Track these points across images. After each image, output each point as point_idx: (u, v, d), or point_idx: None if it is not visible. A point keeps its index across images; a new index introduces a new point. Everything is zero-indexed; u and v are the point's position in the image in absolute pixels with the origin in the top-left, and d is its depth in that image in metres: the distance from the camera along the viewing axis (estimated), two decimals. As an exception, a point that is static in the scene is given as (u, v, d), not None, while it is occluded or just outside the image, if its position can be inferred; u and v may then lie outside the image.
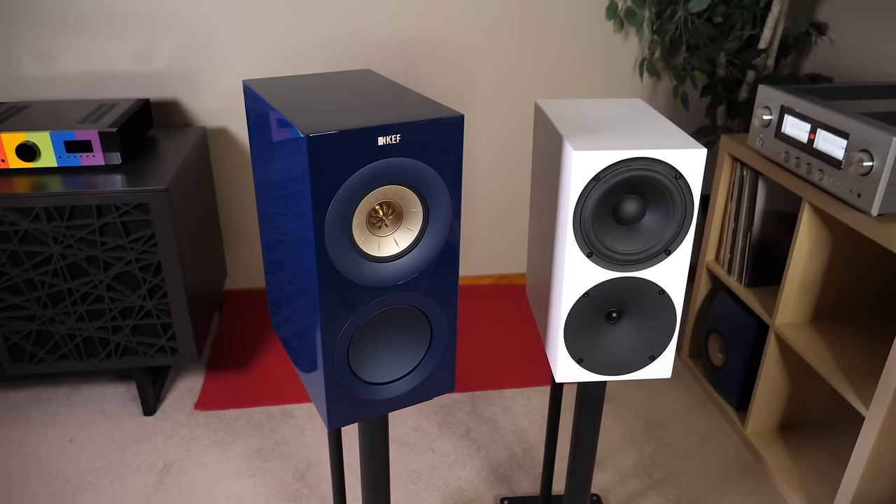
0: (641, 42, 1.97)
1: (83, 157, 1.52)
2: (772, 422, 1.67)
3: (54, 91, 1.85)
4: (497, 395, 1.83)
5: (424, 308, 0.90)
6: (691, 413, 1.77)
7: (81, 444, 1.63)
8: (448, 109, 0.83)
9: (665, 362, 1.01)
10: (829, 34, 1.82)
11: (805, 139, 1.37)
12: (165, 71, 1.86)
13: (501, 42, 1.96)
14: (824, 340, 1.48)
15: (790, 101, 1.41)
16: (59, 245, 1.48)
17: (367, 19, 1.89)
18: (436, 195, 0.84)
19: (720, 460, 1.63)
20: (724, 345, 1.74)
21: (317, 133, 0.74)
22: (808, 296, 1.51)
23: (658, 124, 0.98)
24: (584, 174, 0.88)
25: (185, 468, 1.57)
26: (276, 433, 1.68)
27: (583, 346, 1.00)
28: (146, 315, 1.57)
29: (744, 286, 1.67)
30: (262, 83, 0.95)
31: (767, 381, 1.60)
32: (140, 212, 1.47)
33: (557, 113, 1.03)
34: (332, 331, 0.85)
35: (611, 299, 0.97)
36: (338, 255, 0.81)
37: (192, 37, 1.84)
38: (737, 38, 1.76)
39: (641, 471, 1.59)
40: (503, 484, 1.55)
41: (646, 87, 2.03)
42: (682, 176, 0.90)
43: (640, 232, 0.93)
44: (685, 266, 0.95)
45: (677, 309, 0.98)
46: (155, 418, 1.72)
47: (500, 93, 2.03)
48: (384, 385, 0.93)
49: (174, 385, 1.84)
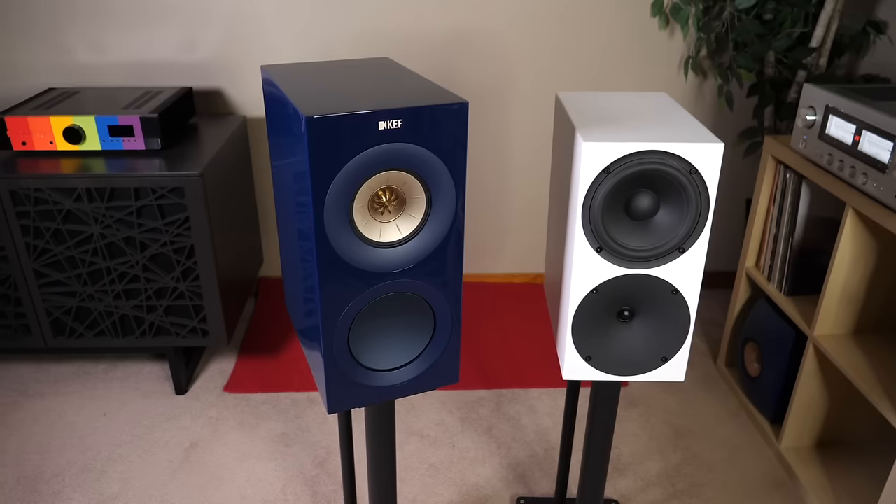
0: (686, 39, 1.91)
1: (125, 142, 1.58)
2: (808, 437, 1.59)
3: (104, 78, 1.93)
4: (523, 394, 1.81)
5: (427, 297, 0.90)
6: (724, 424, 1.71)
7: (114, 419, 1.69)
8: (452, 96, 0.82)
9: (678, 365, 0.98)
10: (889, 33, 1.72)
11: (849, 141, 1.30)
12: (209, 61, 1.92)
13: (542, 38, 1.94)
14: (865, 354, 1.40)
15: (835, 101, 1.34)
16: (99, 225, 1.53)
17: (408, 12, 1.90)
18: (439, 183, 0.84)
19: (750, 474, 1.56)
20: (760, 354, 1.67)
21: (316, 115, 0.74)
22: (850, 307, 1.44)
23: (677, 118, 0.95)
24: (593, 166, 0.86)
25: (209, 447, 1.61)
26: (300, 419, 1.70)
27: (591, 343, 0.97)
28: (179, 296, 1.62)
29: (784, 294, 1.60)
30: (279, 69, 0.97)
31: (804, 395, 1.53)
32: (175, 195, 1.51)
33: (575, 105, 1.01)
34: (331, 314, 0.85)
35: (622, 297, 0.95)
36: (337, 239, 0.81)
37: (236, 28, 1.89)
38: (787, 35, 1.69)
39: (665, 479, 1.55)
40: (521, 483, 1.53)
41: (690, 85, 1.97)
42: (697, 171, 0.86)
43: (653, 228, 0.90)
44: (700, 265, 0.91)
45: (691, 310, 0.94)
46: (185, 398, 1.76)
47: (539, 89, 2.00)
48: (386, 372, 0.93)
49: (206, 367, 1.88)
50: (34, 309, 1.63)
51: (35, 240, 1.55)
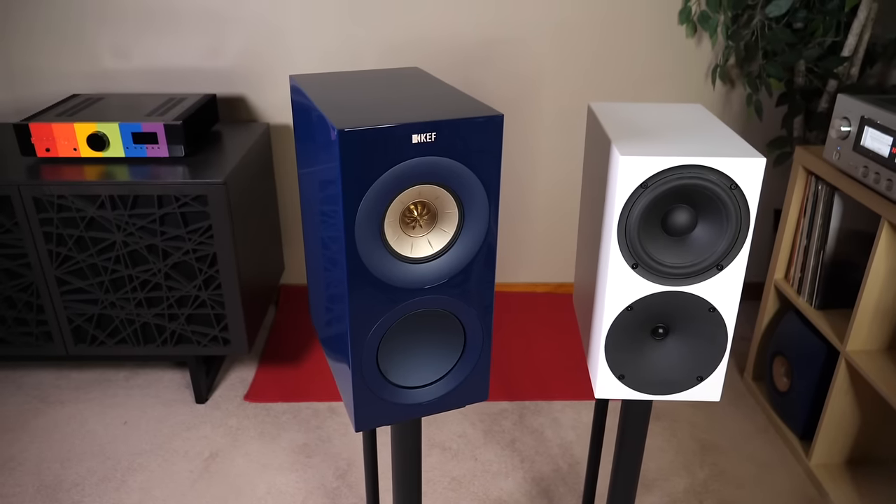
0: (715, 48, 1.88)
1: (149, 149, 1.58)
2: (839, 455, 1.56)
3: (128, 85, 1.93)
4: (546, 407, 1.78)
5: (458, 313, 0.88)
6: (751, 439, 1.67)
7: (135, 427, 1.68)
8: (487, 108, 0.80)
9: (714, 384, 0.95)
10: (924, 42, 1.69)
11: (886, 153, 1.27)
12: (233, 68, 1.91)
13: (568, 46, 1.92)
14: (901, 371, 1.36)
15: (871, 112, 1.31)
16: (121, 232, 1.53)
17: (433, 21, 1.88)
18: (472, 197, 0.82)
19: (779, 492, 1.53)
20: (790, 369, 1.63)
21: (349, 128, 0.72)
22: (884, 322, 1.40)
23: (716, 131, 0.92)
24: (630, 181, 0.84)
25: (230, 457, 1.59)
26: (321, 430, 1.69)
27: (625, 361, 0.95)
28: (201, 305, 1.61)
29: (814, 308, 1.57)
30: (307, 79, 0.95)
31: (836, 411, 1.50)
32: (198, 203, 1.50)
33: (609, 116, 0.99)
34: (361, 330, 0.83)
35: (657, 314, 0.92)
36: (368, 254, 0.80)
37: (260, 35, 1.88)
38: (818, 44, 1.65)
39: (692, 496, 1.51)
40: (545, 498, 1.51)
41: (718, 94, 1.94)
42: (737, 186, 0.84)
43: (691, 244, 0.88)
44: (738, 283, 0.89)
45: (729, 328, 0.91)
46: (206, 406, 1.76)
47: (565, 98, 1.98)
48: (414, 389, 0.91)
49: (227, 375, 1.87)
50: (56, 316, 1.62)
51: (58, 247, 1.55)
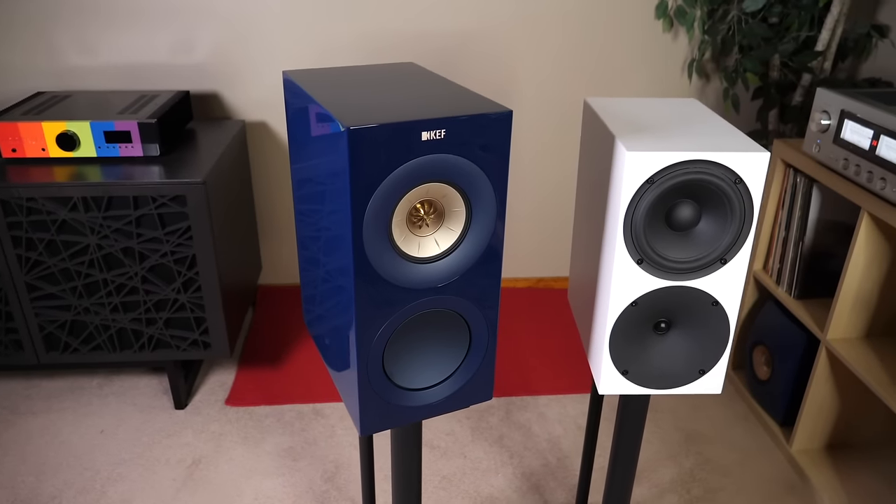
0: (691, 42, 1.90)
1: (122, 148, 1.52)
2: (819, 440, 1.59)
3: (96, 82, 1.86)
4: (532, 402, 1.78)
5: (464, 312, 0.86)
6: (733, 427, 1.70)
7: (112, 436, 1.63)
8: (495, 104, 0.79)
9: (716, 377, 0.96)
10: (892, 37, 1.73)
11: (866, 146, 1.30)
12: (206, 63, 1.86)
13: (545, 39, 1.91)
14: (879, 358, 1.40)
15: (851, 106, 1.34)
16: (95, 235, 1.47)
17: (408, 13, 1.86)
18: (480, 194, 0.80)
19: (763, 478, 1.56)
20: (770, 358, 1.67)
21: (358, 126, 0.70)
22: (864, 310, 1.44)
23: (716, 125, 0.93)
24: (636, 176, 0.83)
25: (214, 464, 1.55)
26: (307, 432, 1.66)
27: (628, 357, 0.95)
28: (180, 308, 1.56)
29: (793, 297, 1.60)
30: (302, 74, 0.92)
31: (816, 398, 1.53)
32: (177, 204, 1.46)
33: (608, 111, 0.99)
34: (367, 333, 0.82)
35: (660, 309, 0.92)
36: (376, 255, 0.78)
37: (233, 29, 1.83)
38: (793, 39, 1.68)
39: (680, 486, 1.53)
40: (536, 493, 1.51)
41: (694, 88, 1.96)
42: (742, 181, 0.84)
43: (695, 239, 0.88)
44: (742, 276, 0.89)
45: (731, 321, 0.92)
46: (186, 412, 1.71)
47: (542, 90, 1.98)
48: (419, 391, 0.90)
49: (206, 379, 1.83)
50: (26, 324, 1.56)
51: (27, 251, 1.48)
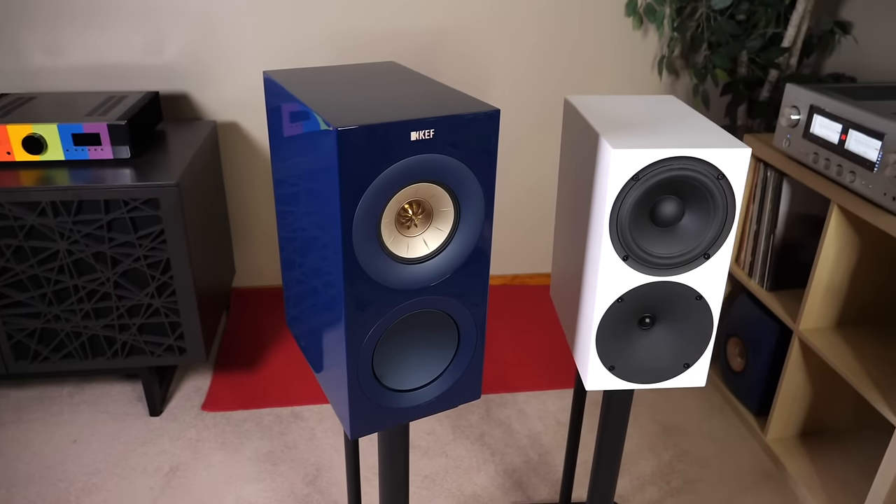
0: (661, 39, 1.92)
1: (91, 151, 1.48)
2: (793, 428, 1.63)
3: (61, 83, 1.81)
4: (511, 399, 1.79)
5: (453, 312, 0.86)
6: (709, 419, 1.74)
7: (86, 445, 1.59)
8: (482, 103, 0.78)
9: (700, 370, 0.97)
10: (854, 33, 1.78)
11: (836, 140, 1.33)
12: (175, 63, 1.82)
13: (519, 38, 1.92)
14: (851, 347, 1.44)
15: (820, 101, 1.37)
16: (65, 241, 1.43)
17: (381, 12, 1.85)
18: (468, 193, 0.80)
19: (740, 468, 1.59)
20: (744, 349, 1.70)
21: (347, 126, 0.70)
22: (835, 300, 1.47)
23: (696, 122, 0.94)
24: (622, 174, 0.84)
25: (192, 471, 1.53)
26: (286, 435, 1.64)
27: (615, 352, 0.96)
28: (154, 313, 1.53)
29: (765, 290, 1.63)
30: (284, 74, 0.91)
31: (790, 387, 1.57)
32: (150, 207, 1.42)
33: (590, 109, 0.99)
34: (356, 335, 0.81)
35: (645, 305, 0.94)
36: (365, 257, 0.77)
37: (203, 29, 1.80)
38: (760, 36, 1.72)
39: (660, 478, 1.56)
40: (519, 490, 1.51)
41: (664, 85, 1.99)
42: (724, 176, 0.86)
43: (679, 234, 0.89)
44: (724, 270, 0.91)
45: (714, 315, 0.94)
46: (161, 419, 1.68)
47: (517, 89, 1.99)
48: (409, 392, 0.89)
49: (181, 385, 1.79)
50: (-7, 332, 1.51)
51: (-7, 258, 1.44)
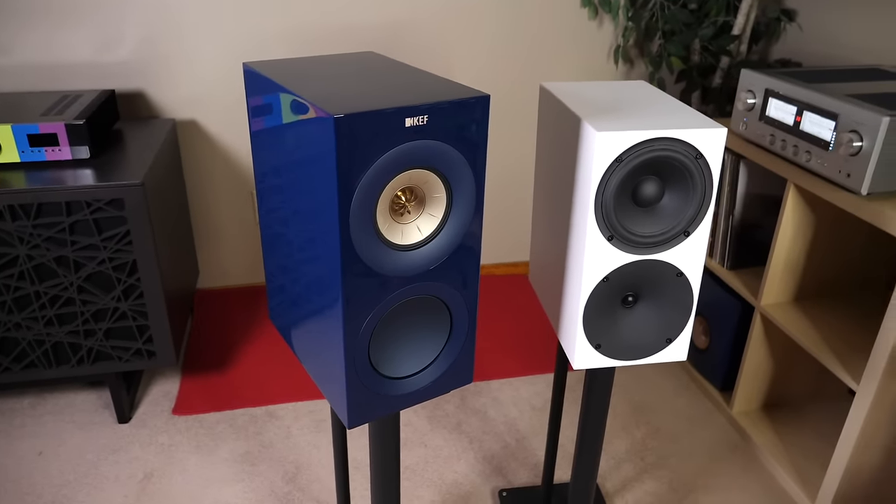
0: (616, 29, 1.97)
1: (49, 152, 1.43)
2: (756, 401, 1.70)
3: (9, 82, 1.73)
4: (485, 387, 1.81)
5: (446, 297, 0.87)
6: (678, 396, 1.79)
7: (52, 457, 1.53)
8: (472, 90, 0.79)
9: (681, 345, 1.01)
10: (798, 20, 1.86)
11: (791, 122, 1.39)
12: (130, 61, 1.77)
13: (475, 29, 1.94)
14: (811, 319, 1.51)
15: (774, 85, 1.43)
16: (25, 245, 1.38)
17: (338, 5, 1.84)
18: (460, 179, 0.81)
19: (709, 441, 1.65)
20: (707, 327, 1.76)
21: (343, 114, 0.69)
22: (793, 276, 1.54)
23: (671, 105, 0.97)
24: (606, 156, 0.86)
25: (167, 476, 1.49)
26: (262, 435, 1.62)
27: (601, 331, 0.98)
28: (121, 317, 1.49)
29: (727, 269, 1.69)
30: (265, 65, 0.90)
31: (753, 362, 1.63)
32: (114, 208, 1.38)
33: (567, 95, 1.01)
34: (353, 324, 0.81)
35: (629, 283, 0.96)
36: (361, 244, 0.77)
37: (158, 25, 1.75)
38: (711, 24, 1.78)
39: (634, 455, 1.60)
40: (499, 475, 1.53)
41: (620, 73, 2.04)
42: (702, 155, 0.89)
43: (660, 213, 0.92)
44: (703, 247, 0.94)
45: (694, 290, 0.97)
46: (130, 426, 1.63)
47: (474, 80, 2.00)
48: (403, 379, 0.90)
49: (149, 390, 1.75)
50: (-52, 345, 1.44)
51: (-53, 267, 1.37)
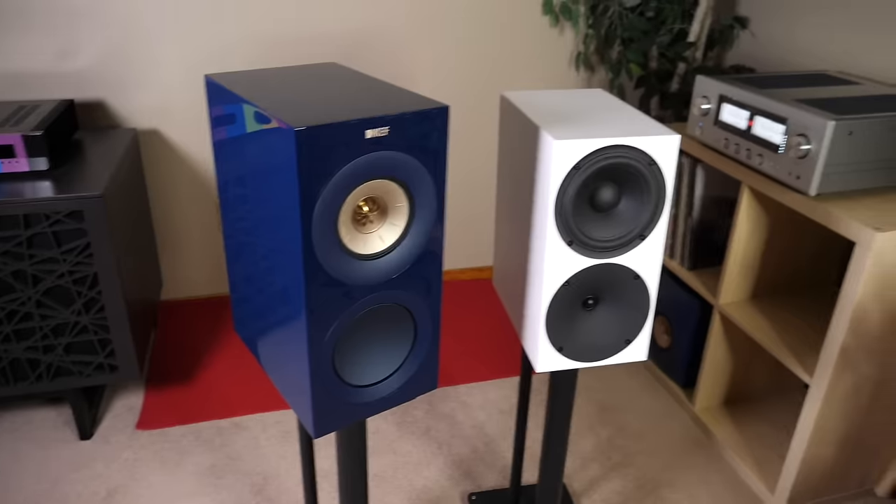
0: (577, 36, 2.01)
1: (5, 164, 1.40)
2: (717, 397, 1.74)
3: (-40, 93, 1.70)
4: (452, 391, 1.82)
5: (409, 305, 0.88)
6: (641, 395, 1.83)
7: (11, 476, 1.50)
8: (432, 101, 0.81)
9: (640, 345, 1.04)
10: (751, 27, 1.91)
11: (744, 126, 1.44)
12: (89, 70, 1.74)
13: (438, 37, 1.95)
14: (766, 316, 1.55)
15: (727, 90, 1.47)
16: (-20, 260, 1.35)
17: (300, 15, 1.84)
18: (421, 188, 0.82)
19: (673, 438, 1.68)
20: (669, 327, 1.80)
21: (304, 126, 0.70)
22: (749, 275, 1.59)
23: (626, 113, 1.00)
24: (564, 163, 0.89)
25: (131, 493, 1.47)
26: (228, 447, 1.61)
27: (562, 334, 1.00)
28: (81, 331, 1.47)
29: (686, 269, 1.74)
30: (227, 77, 0.90)
31: (713, 359, 1.67)
32: (73, 220, 1.36)
33: (527, 104, 1.03)
34: (318, 334, 0.81)
35: (588, 287, 0.99)
36: (325, 255, 0.78)
37: (117, 34, 1.73)
38: (668, 31, 1.82)
39: (601, 454, 1.63)
40: (468, 479, 1.55)
41: (582, 80, 2.08)
42: (655, 162, 0.91)
43: (617, 218, 0.95)
44: (660, 250, 0.97)
45: (651, 292, 1.00)
46: (93, 442, 1.61)
47: (439, 89, 2.02)
48: (369, 387, 0.91)
49: (111, 405, 1.72)
50: None
51: None
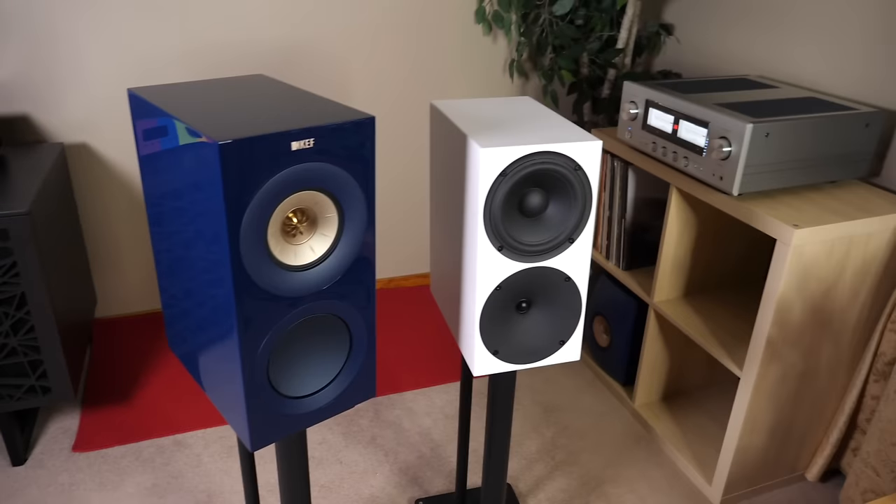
0: (510, 44, 2.04)
1: (-80, 183, 1.35)
2: (656, 393, 1.80)
3: None
4: (398, 399, 1.83)
5: (343, 315, 0.89)
6: (583, 394, 1.87)
7: (-61, 508, 1.44)
8: (358, 112, 0.82)
9: (574, 345, 1.06)
10: (676, 34, 1.99)
11: (670, 130, 1.49)
12: (10, 83, 1.69)
13: (371, 47, 1.96)
14: (698, 313, 1.61)
15: (653, 96, 1.53)
16: None
17: (228, 27, 1.82)
18: (350, 199, 0.83)
19: (615, 434, 1.73)
20: (608, 326, 1.85)
21: (230, 139, 0.70)
22: (681, 273, 1.65)
23: (552, 120, 1.03)
24: (491, 170, 0.91)
25: (69, 517, 1.43)
26: (170, 465, 1.57)
27: (497, 338, 1.02)
28: (10, 353, 1.42)
29: (622, 269, 1.79)
30: (151, 91, 0.89)
31: (650, 356, 1.73)
32: (-3, 240, 1.32)
33: (455, 113, 1.05)
34: (250, 346, 0.81)
35: (521, 290, 1.01)
36: (254, 267, 0.78)
37: (41, 46, 1.68)
38: (597, 38, 1.88)
39: (545, 454, 1.66)
40: (415, 486, 1.55)
41: (516, 86, 2.11)
42: (580, 167, 0.94)
43: (545, 223, 0.97)
44: (588, 252, 1.00)
45: (582, 294, 1.03)
46: (26, 467, 1.55)
47: (374, 98, 2.03)
48: (306, 398, 0.91)
49: (45, 428, 1.67)
50: None
51: None
